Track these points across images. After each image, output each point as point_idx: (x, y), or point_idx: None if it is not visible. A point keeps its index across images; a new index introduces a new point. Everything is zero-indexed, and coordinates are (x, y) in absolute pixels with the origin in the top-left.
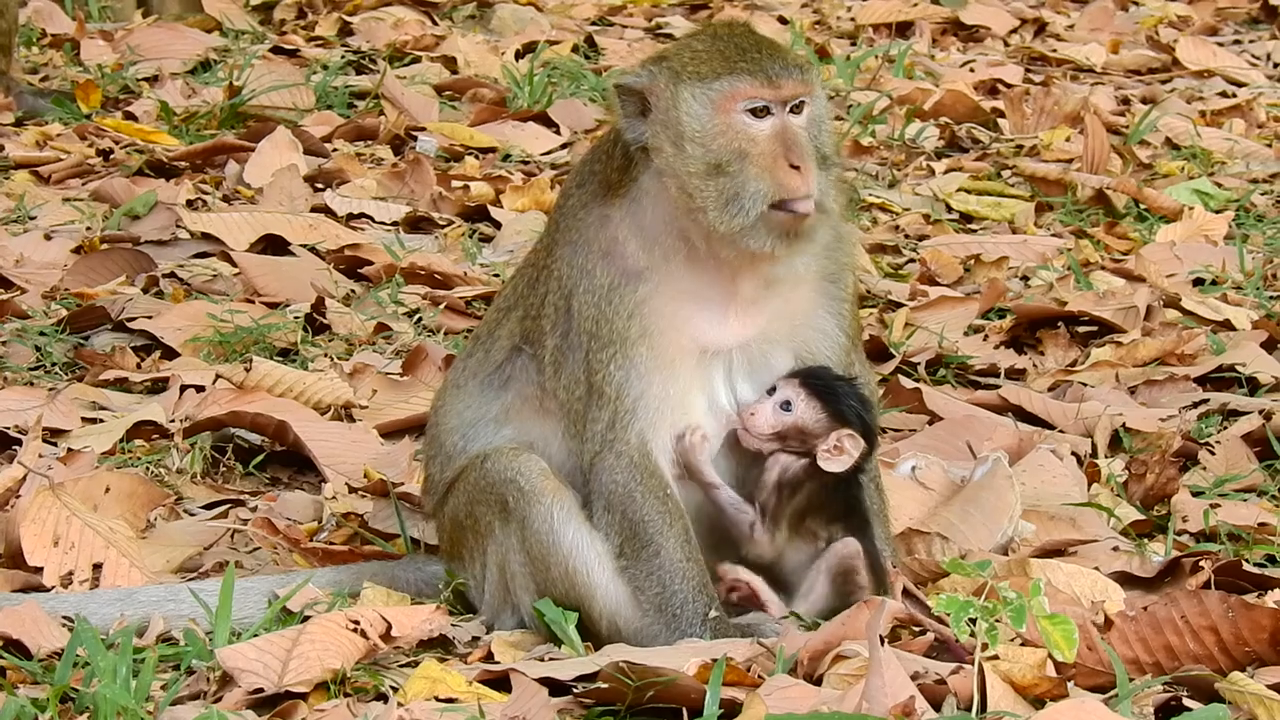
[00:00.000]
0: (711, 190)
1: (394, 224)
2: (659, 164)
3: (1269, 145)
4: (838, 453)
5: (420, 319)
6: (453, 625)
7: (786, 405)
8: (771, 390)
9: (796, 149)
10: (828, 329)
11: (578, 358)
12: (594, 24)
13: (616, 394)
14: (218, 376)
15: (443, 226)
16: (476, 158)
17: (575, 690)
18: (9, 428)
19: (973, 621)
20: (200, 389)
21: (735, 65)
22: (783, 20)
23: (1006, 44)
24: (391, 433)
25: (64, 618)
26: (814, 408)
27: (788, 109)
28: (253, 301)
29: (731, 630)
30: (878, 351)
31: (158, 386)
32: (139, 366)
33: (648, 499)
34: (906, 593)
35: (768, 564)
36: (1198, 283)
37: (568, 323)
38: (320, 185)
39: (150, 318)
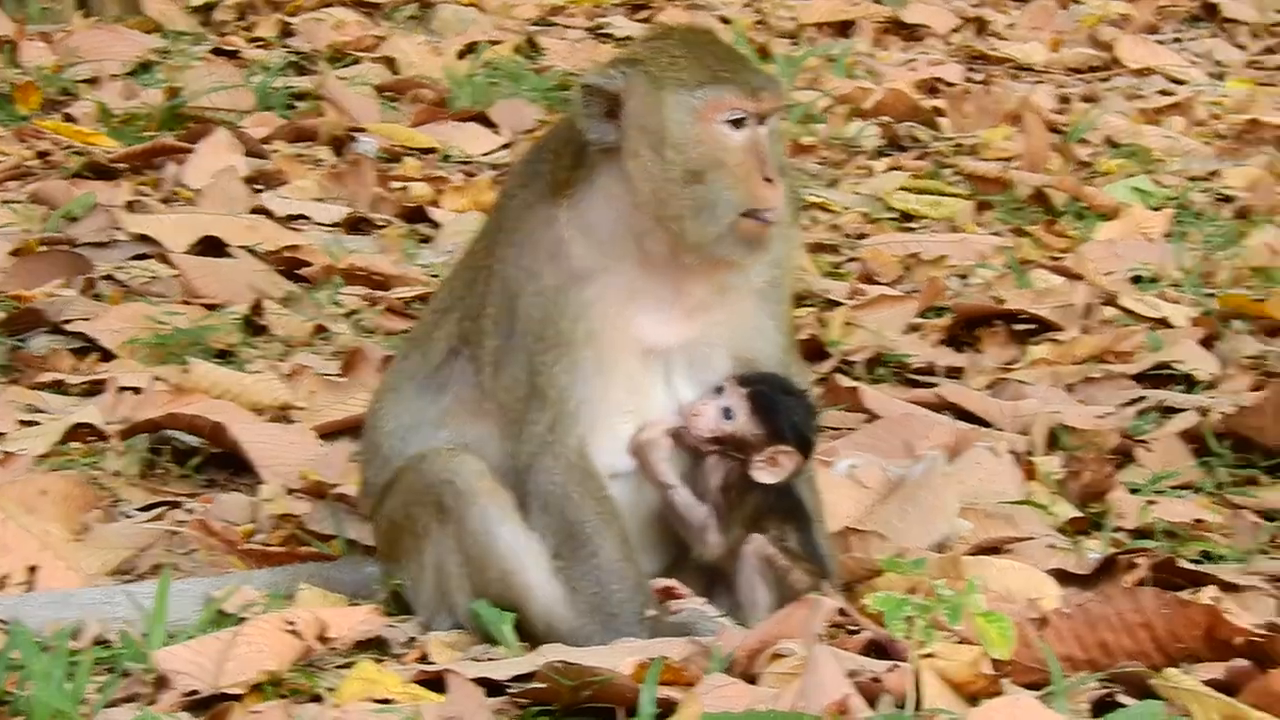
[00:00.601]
0: (688, 198)
1: (333, 225)
2: (632, 168)
3: (1208, 143)
4: (772, 465)
5: (359, 320)
6: (389, 626)
7: (729, 413)
8: (719, 390)
9: (769, 162)
10: (766, 329)
11: (520, 359)
12: (535, 24)
13: (559, 397)
14: (155, 378)
15: (382, 227)
16: (417, 158)
17: (511, 690)
18: None
19: (909, 619)
20: (137, 391)
21: (718, 75)
22: (724, 20)
23: (947, 43)
24: (329, 434)
25: None
26: (755, 422)
27: (759, 121)
28: (191, 303)
29: (669, 629)
30: (816, 350)
31: (94, 389)
32: (76, 369)
33: (586, 500)
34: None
35: (716, 564)
36: (1136, 280)
37: (510, 323)
38: (259, 186)
39: (88, 320)
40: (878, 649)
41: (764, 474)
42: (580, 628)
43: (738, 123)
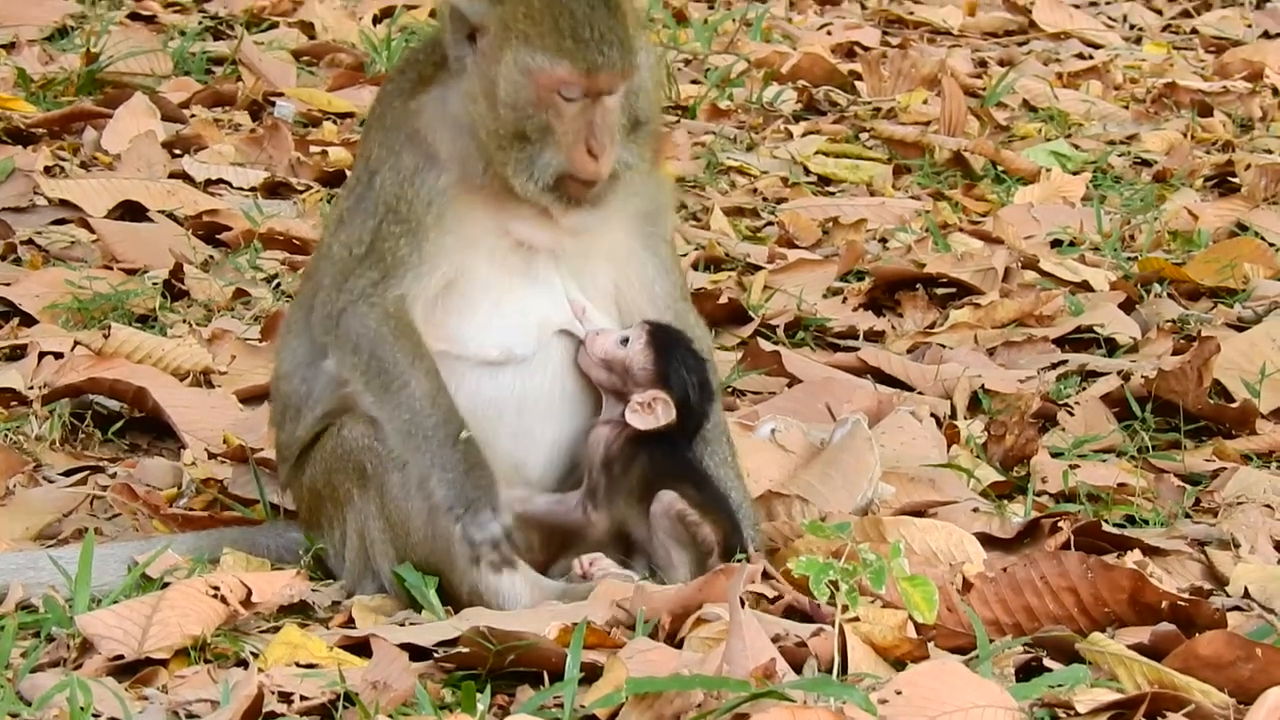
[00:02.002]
0: (512, 153)
1: (252, 189)
2: (469, 109)
3: (1126, 107)
4: (646, 410)
5: (279, 284)
6: (313, 590)
7: (625, 341)
8: (621, 326)
9: (597, 136)
10: (647, 263)
11: (368, 224)
12: None
13: (395, 261)
14: (76, 343)
15: (301, 192)
16: (334, 123)
17: (436, 655)
18: None
19: (833, 584)
20: (59, 356)
21: (561, 44)
22: None
23: (864, 6)
24: (250, 398)
25: None
26: (647, 357)
27: (602, 94)
28: (111, 268)
29: (482, 459)
30: (736, 314)
31: (16, 354)
32: None
33: (400, 340)
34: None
35: (615, 534)
36: (1056, 244)
37: (365, 191)
38: (178, 151)
39: (8, 285)
40: (801, 614)
41: (636, 418)
42: (390, 461)
43: (572, 95)
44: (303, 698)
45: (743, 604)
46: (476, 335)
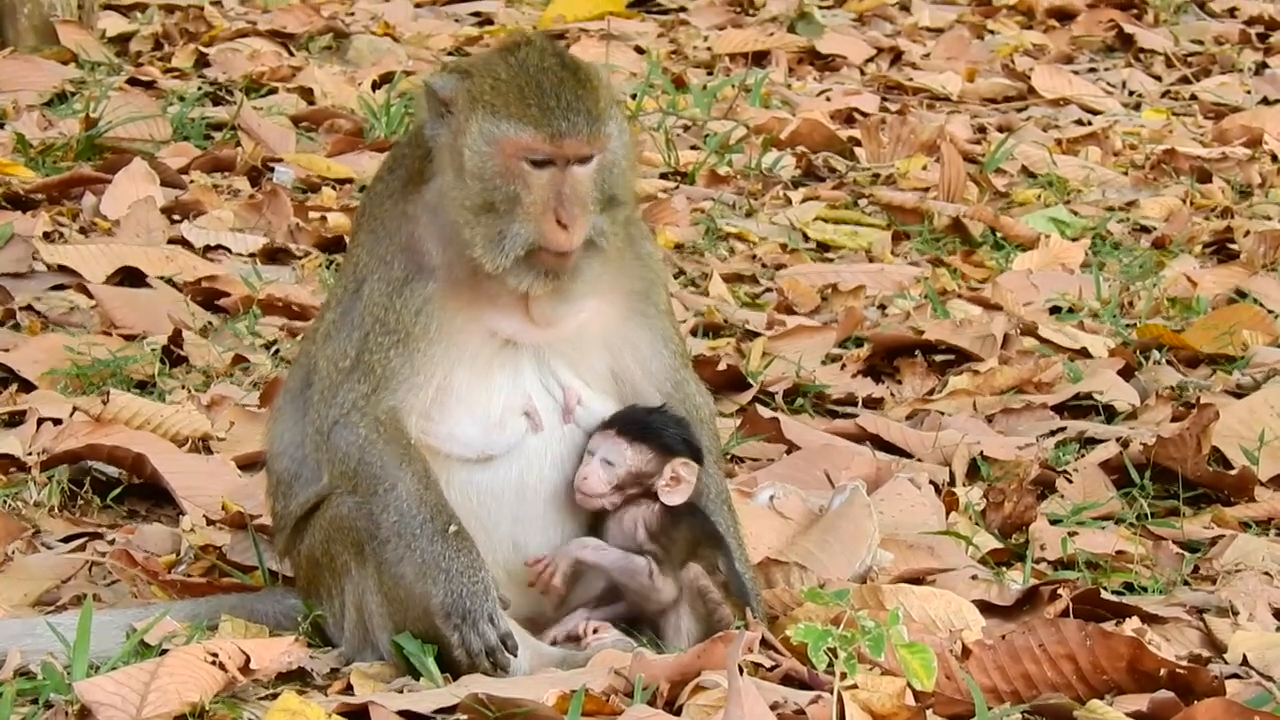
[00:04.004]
0: (480, 226)
1: (251, 255)
2: (440, 184)
3: (1125, 173)
4: (676, 483)
5: (278, 350)
6: (311, 657)
7: (610, 462)
8: (591, 451)
9: (567, 206)
10: (641, 342)
11: (354, 336)
12: (450, 54)
13: (385, 374)
14: (75, 409)
15: (300, 257)
16: (334, 188)
17: None
18: None
19: (832, 651)
20: (57, 422)
21: (526, 111)
22: (639, 50)
23: (863, 73)
24: (249, 464)
25: None
26: (639, 451)
27: (568, 163)
28: (110, 334)
29: (474, 555)
30: (735, 381)
31: (14, 420)
32: None
33: (390, 445)
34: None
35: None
36: (1054, 311)
37: (353, 302)
38: (177, 217)
39: (7, 350)
40: (799, 682)
41: (672, 494)
42: (387, 556)
43: (541, 163)
44: None
45: (741, 671)
46: (462, 436)
